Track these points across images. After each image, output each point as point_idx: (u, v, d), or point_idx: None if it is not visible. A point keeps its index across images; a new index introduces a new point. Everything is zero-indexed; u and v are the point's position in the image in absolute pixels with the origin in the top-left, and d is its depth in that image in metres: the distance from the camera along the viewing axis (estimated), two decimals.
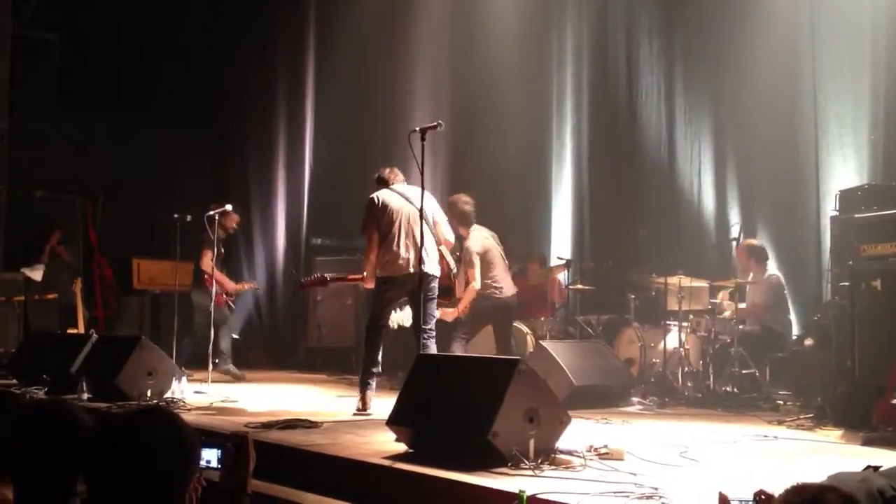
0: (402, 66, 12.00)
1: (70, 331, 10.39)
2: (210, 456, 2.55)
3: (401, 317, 7.94)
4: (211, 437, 2.76)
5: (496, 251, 8.32)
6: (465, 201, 8.24)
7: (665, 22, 10.23)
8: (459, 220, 8.10)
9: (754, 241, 8.53)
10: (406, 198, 6.89)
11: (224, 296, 9.70)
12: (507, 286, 8.36)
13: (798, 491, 2.23)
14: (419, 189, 6.37)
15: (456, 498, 4.03)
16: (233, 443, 2.60)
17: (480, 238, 8.22)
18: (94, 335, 8.52)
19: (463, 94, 11.26)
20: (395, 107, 11.86)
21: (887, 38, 7.92)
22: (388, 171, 7.17)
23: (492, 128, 11.01)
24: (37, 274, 11.18)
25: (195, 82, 13.53)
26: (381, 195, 6.93)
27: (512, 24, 11.09)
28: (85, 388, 7.06)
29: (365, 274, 7.02)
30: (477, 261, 8.04)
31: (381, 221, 6.84)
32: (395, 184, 7.07)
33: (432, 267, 6.77)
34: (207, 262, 9.32)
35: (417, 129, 6.24)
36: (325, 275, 7.62)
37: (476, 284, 7.99)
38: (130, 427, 2.08)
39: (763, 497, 2.87)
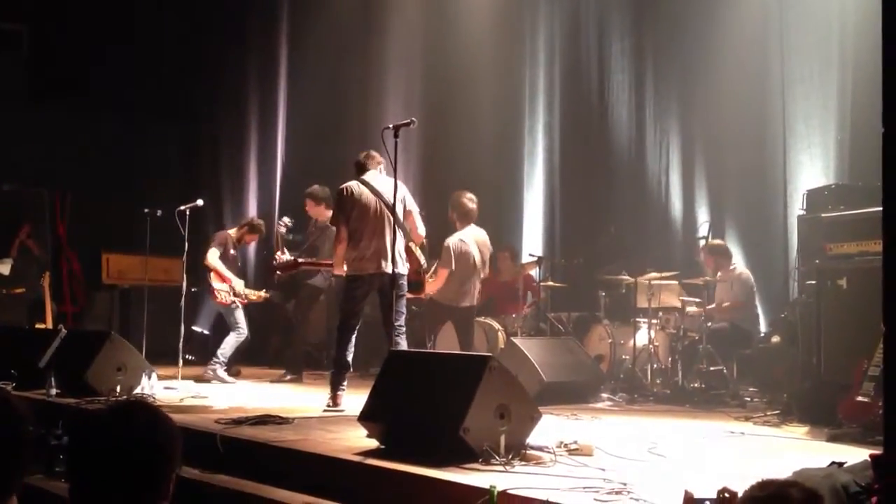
0: (376, 63, 11.99)
1: (38, 325, 10.29)
2: None
3: None
4: None
5: (473, 259, 8.20)
6: (469, 199, 8.28)
7: (636, 21, 10.30)
8: (459, 216, 8.24)
9: (715, 241, 8.59)
10: (377, 192, 6.77)
11: (227, 294, 9.20)
12: (468, 296, 8.24)
13: (762, 486, 2.28)
14: (391, 182, 6.34)
15: (427, 493, 4.04)
16: None
17: (461, 241, 8.18)
18: (63, 330, 8.44)
19: (436, 91, 11.28)
20: (368, 103, 11.84)
21: (855, 40, 8.01)
22: (363, 155, 7.03)
23: (464, 124, 11.03)
24: (4, 268, 11.06)
25: (167, 75, 13.39)
26: (351, 187, 6.82)
27: (485, 22, 11.13)
28: (53, 384, 6.97)
29: (334, 262, 7.01)
30: (451, 262, 8.07)
31: (349, 215, 6.76)
32: (371, 169, 6.94)
33: (400, 265, 6.73)
34: (212, 256, 9.09)
35: (391, 125, 6.22)
36: (297, 258, 7.89)
37: (438, 282, 8.10)
38: (112, 422, 2.07)
39: (726, 495, 2.90)
